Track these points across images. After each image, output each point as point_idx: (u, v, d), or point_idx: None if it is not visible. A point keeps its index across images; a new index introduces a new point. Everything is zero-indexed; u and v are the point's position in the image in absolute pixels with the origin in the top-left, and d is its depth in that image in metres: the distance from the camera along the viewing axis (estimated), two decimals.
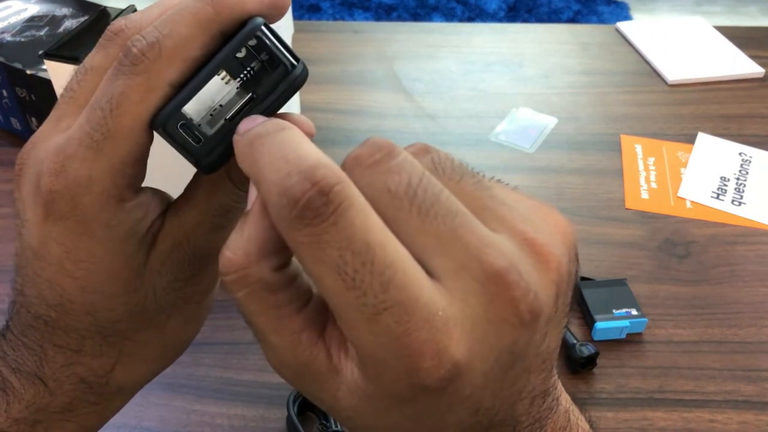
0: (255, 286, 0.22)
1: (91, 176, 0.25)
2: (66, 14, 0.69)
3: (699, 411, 0.47)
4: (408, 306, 0.19)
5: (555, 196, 0.65)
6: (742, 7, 2.45)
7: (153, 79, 0.25)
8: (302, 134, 0.22)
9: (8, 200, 0.63)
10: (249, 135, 0.23)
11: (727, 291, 0.56)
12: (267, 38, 0.25)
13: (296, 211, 0.19)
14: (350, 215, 0.19)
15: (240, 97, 0.26)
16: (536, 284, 0.20)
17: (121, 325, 0.29)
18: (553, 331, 0.22)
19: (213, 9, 0.25)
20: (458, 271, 0.20)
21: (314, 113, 0.75)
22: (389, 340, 0.19)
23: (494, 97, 0.79)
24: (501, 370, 0.21)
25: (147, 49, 0.24)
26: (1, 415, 0.29)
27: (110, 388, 0.30)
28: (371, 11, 2.36)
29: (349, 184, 0.20)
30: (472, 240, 0.20)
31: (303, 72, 0.26)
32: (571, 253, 0.23)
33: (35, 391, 0.29)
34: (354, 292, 0.19)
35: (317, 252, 0.20)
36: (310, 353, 0.22)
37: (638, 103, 0.78)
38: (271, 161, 0.21)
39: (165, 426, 0.45)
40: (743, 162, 0.70)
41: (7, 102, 0.67)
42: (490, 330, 0.20)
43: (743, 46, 0.87)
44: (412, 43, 0.88)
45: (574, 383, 0.48)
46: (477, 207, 0.21)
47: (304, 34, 0.85)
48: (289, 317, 0.22)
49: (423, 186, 0.20)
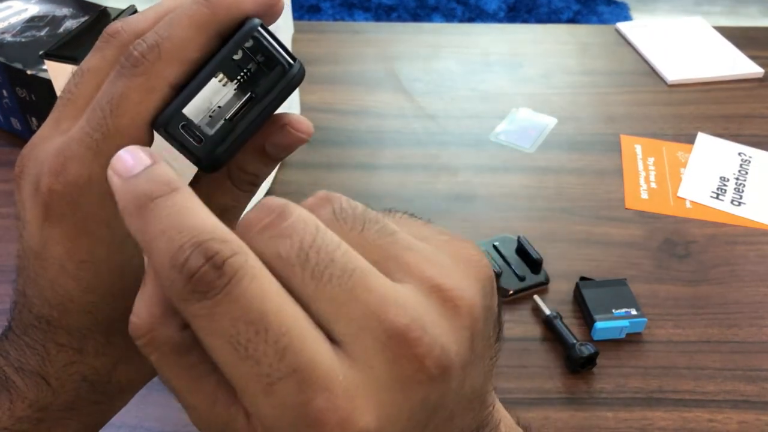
0: (164, 348, 0.22)
1: (90, 176, 0.25)
2: (66, 14, 0.69)
3: (698, 411, 0.47)
4: (306, 374, 0.19)
5: (555, 196, 0.65)
6: (742, 7, 2.45)
7: (153, 80, 0.25)
8: (194, 195, 0.21)
9: (8, 200, 0.63)
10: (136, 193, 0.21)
11: (726, 291, 0.56)
12: (264, 38, 0.26)
13: (190, 286, 0.19)
14: (243, 285, 0.19)
15: (239, 97, 0.26)
16: (444, 335, 0.20)
17: (120, 325, 0.28)
18: (474, 371, 0.21)
19: (210, 11, 0.25)
20: (358, 334, 0.19)
21: (314, 113, 0.75)
22: (289, 411, 0.19)
23: (494, 98, 0.79)
24: (418, 427, 0.20)
25: (147, 51, 0.25)
26: (5, 413, 0.29)
27: (112, 387, 0.31)
28: (371, 12, 2.36)
29: (245, 252, 0.19)
30: (371, 298, 0.19)
31: (300, 70, 0.26)
32: (486, 289, 0.22)
33: (38, 390, 0.29)
34: (248, 362, 0.19)
35: (210, 324, 0.19)
36: (228, 413, 0.21)
37: (638, 104, 0.78)
38: (163, 230, 0.20)
39: (165, 426, 0.45)
40: (743, 162, 0.70)
41: (8, 102, 0.67)
42: (397, 391, 0.19)
43: (743, 47, 0.87)
44: (413, 44, 0.88)
45: (573, 383, 0.48)
46: (381, 257, 0.21)
47: (304, 35, 0.85)
48: (203, 378, 0.22)
49: (315, 247, 0.20)
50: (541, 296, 0.54)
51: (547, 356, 0.50)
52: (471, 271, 0.21)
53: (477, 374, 0.22)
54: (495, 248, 0.58)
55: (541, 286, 0.55)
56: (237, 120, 0.26)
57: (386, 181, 0.66)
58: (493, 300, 0.22)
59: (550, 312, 0.52)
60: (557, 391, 0.48)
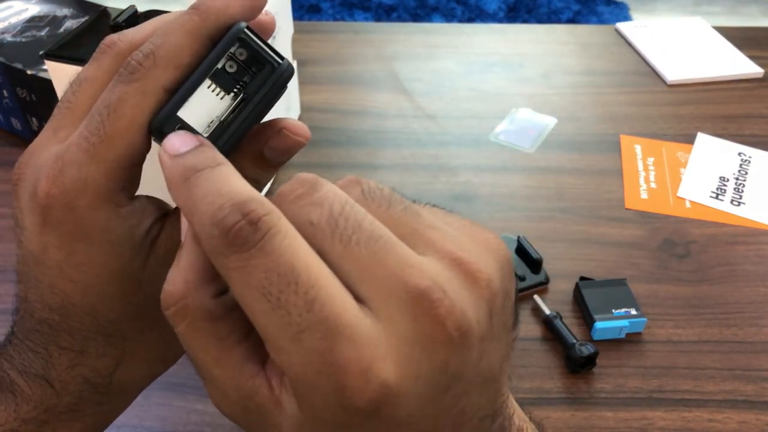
0: (196, 314, 0.23)
1: (86, 180, 0.26)
2: (67, 14, 0.69)
3: (698, 411, 0.47)
4: (332, 324, 0.20)
5: (555, 196, 0.65)
6: (742, 7, 2.45)
7: (148, 85, 0.26)
8: (236, 171, 0.23)
9: (8, 200, 0.63)
10: (184, 167, 0.23)
11: (726, 291, 0.56)
12: (250, 40, 0.27)
13: (227, 239, 0.21)
14: (276, 241, 0.20)
15: (231, 98, 0.27)
16: (464, 301, 0.21)
17: (121, 326, 0.29)
18: (491, 349, 0.22)
19: (200, 18, 0.27)
20: (382, 294, 0.20)
21: (314, 113, 0.75)
22: (314, 358, 0.20)
23: (494, 98, 0.79)
24: (437, 391, 0.21)
25: (143, 59, 0.26)
26: (11, 415, 0.29)
27: (114, 388, 0.31)
28: (371, 12, 2.36)
29: (278, 214, 0.21)
30: (394, 262, 0.21)
31: (288, 68, 0.27)
32: (504, 271, 0.23)
33: (42, 392, 0.30)
34: (278, 312, 0.20)
35: (244, 276, 0.20)
36: (252, 385, 0.22)
37: (638, 104, 0.78)
38: (204, 195, 0.22)
39: (166, 426, 0.45)
40: (742, 162, 0.70)
41: (8, 102, 0.67)
42: (418, 349, 0.20)
43: (742, 47, 0.87)
44: (413, 44, 0.88)
45: (573, 383, 0.49)
46: (405, 232, 0.22)
47: (304, 35, 0.85)
48: (231, 348, 0.23)
49: (345, 215, 0.21)
50: (541, 296, 0.54)
51: (547, 356, 0.50)
52: (490, 252, 0.22)
53: (494, 354, 0.22)
54: None
55: (541, 286, 0.55)
56: (230, 120, 0.27)
57: (386, 181, 0.66)
58: (510, 284, 0.23)
59: (550, 312, 0.52)
60: (557, 391, 0.48)
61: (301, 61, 0.71)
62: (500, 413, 0.24)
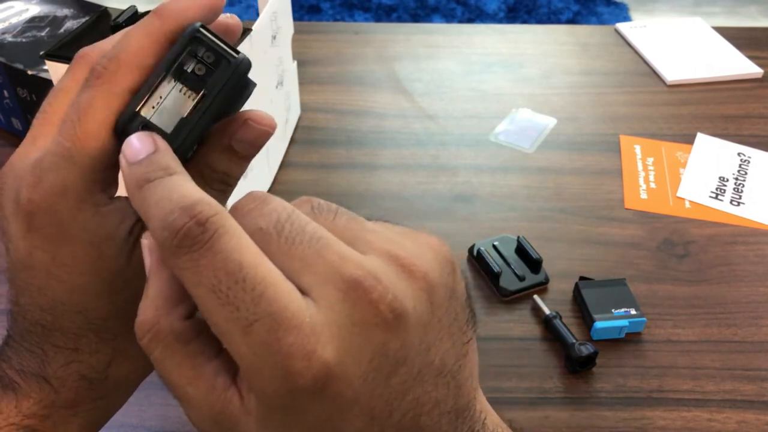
0: (168, 338, 0.24)
1: (64, 183, 0.27)
2: (67, 15, 0.69)
3: (698, 410, 0.47)
4: (278, 316, 0.21)
5: (554, 196, 0.65)
6: (741, 7, 2.46)
7: (113, 87, 0.27)
8: (188, 177, 0.25)
9: None
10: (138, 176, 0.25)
11: (725, 291, 0.56)
12: (205, 38, 0.28)
13: (176, 241, 0.22)
14: (224, 240, 0.22)
15: (192, 95, 0.28)
16: (397, 288, 0.22)
17: (110, 323, 0.31)
18: (439, 342, 0.24)
19: (159, 21, 0.28)
20: (323, 284, 0.22)
21: (314, 113, 0.75)
22: (263, 348, 0.21)
23: (494, 98, 0.79)
24: (381, 374, 0.22)
25: (107, 63, 0.28)
26: (12, 410, 0.30)
27: (109, 384, 0.32)
28: (371, 12, 2.36)
29: (225, 215, 0.23)
30: (334, 257, 0.23)
31: (244, 62, 0.29)
32: (444, 268, 0.24)
33: (41, 389, 0.31)
34: (228, 308, 0.21)
35: (196, 275, 0.22)
36: (225, 398, 0.23)
37: (637, 104, 0.78)
38: (157, 201, 0.23)
39: (166, 425, 0.45)
40: (742, 162, 0.70)
41: (9, 102, 0.67)
42: (356, 332, 0.22)
43: (742, 47, 0.87)
44: (412, 44, 0.88)
45: (573, 382, 0.49)
46: (348, 237, 0.24)
47: (304, 35, 0.85)
48: (202, 365, 0.24)
49: (290, 221, 0.23)
50: (540, 296, 0.54)
51: (547, 356, 0.50)
52: (430, 251, 0.24)
53: (445, 347, 0.24)
54: (495, 248, 0.58)
55: (541, 286, 0.56)
56: (192, 116, 0.28)
57: (386, 181, 0.66)
58: (455, 282, 0.24)
59: (550, 312, 0.52)
60: (557, 391, 0.48)
61: (301, 61, 0.71)
62: (467, 413, 0.25)
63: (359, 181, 0.66)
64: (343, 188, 0.65)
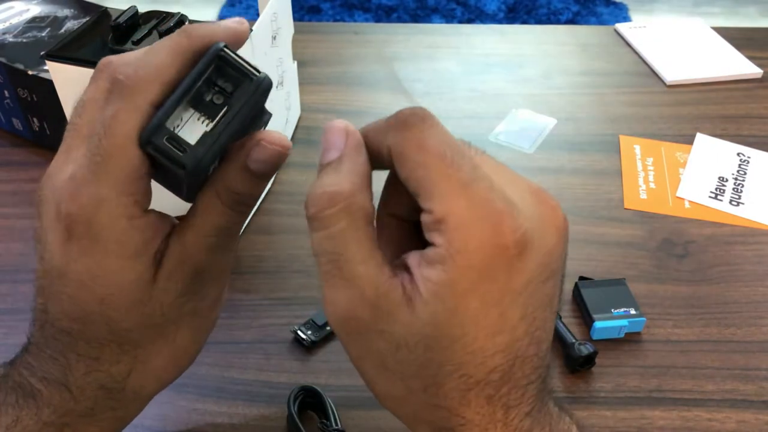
0: (359, 213, 0.26)
1: (100, 196, 0.28)
2: (68, 15, 0.69)
3: (697, 410, 0.47)
4: (491, 181, 0.25)
5: (554, 196, 0.65)
6: (741, 8, 2.46)
7: (137, 101, 0.28)
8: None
9: (9, 200, 0.63)
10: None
11: (725, 290, 0.56)
12: (229, 57, 0.29)
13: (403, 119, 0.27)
14: (441, 126, 0.27)
15: (216, 110, 0.29)
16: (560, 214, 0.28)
17: (133, 335, 0.31)
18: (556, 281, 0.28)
19: (188, 41, 0.30)
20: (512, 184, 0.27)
21: (314, 114, 0.75)
22: (480, 203, 0.25)
23: (494, 98, 0.79)
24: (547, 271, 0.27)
25: (130, 75, 0.29)
26: (32, 418, 0.31)
27: (127, 394, 0.33)
28: (371, 12, 2.36)
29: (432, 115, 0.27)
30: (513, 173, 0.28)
31: (266, 80, 0.30)
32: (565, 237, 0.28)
33: (61, 397, 0.31)
34: (453, 168, 0.25)
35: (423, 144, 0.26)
36: (391, 284, 0.26)
37: (637, 104, 0.78)
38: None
39: (167, 425, 0.45)
40: (741, 162, 0.70)
41: (9, 102, 0.67)
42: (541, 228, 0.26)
43: (741, 47, 0.87)
44: (412, 44, 0.89)
45: (573, 382, 0.49)
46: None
47: (304, 36, 0.85)
48: (378, 249, 0.27)
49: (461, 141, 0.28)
50: None
51: None
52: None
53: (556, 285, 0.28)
54: None
55: None
56: (215, 130, 0.29)
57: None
58: (565, 251, 0.29)
59: None
60: (556, 391, 0.48)
61: (301, 61, 0.71)
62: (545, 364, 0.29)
63: None
64: None
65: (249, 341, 0.51)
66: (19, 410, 0.31)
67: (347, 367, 0.49)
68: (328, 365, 0.49)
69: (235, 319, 0.52)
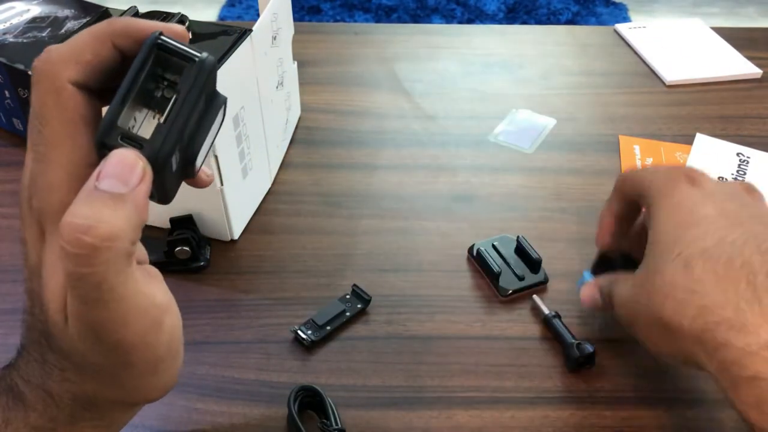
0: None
1: (51, 183, 0.29)
2: (68, 15, 0.69)
3: (698, 409, 0.47)
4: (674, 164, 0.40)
5: (553, 196, 0.65)
6: (740, 8, 2.46)
7: (55, 83, 0.29)
8: None
9: (8, 200, 0.63)
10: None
11: None
12: (168, 44, 0.29)
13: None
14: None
15: (165, 100, 0.29)
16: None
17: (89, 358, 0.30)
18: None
19: (107, 25, 0.30)
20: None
21: (315, 114, 0.75)
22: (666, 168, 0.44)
23: (494, 98, 0.79)
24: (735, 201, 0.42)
25: (45, 60, 0.29)
26: (21, 421, 0.31)
27: (104, 407, 0.32)
28: (371, 13, 2.37)
29: None
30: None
31: (209, 60, 0.29)
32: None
33: (45, 402, 0.31)
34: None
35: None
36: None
37: (636, 104, 0.78)
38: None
39: (167, 424, 0.45)
40: (741, 162, 0.70)
41: (9, 102, 0.67)
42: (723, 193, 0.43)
43: (741, 47, 0.87)
44: (412, 45, 0.89)
45: (573, 382, 0.49)
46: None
47: (304, 36, 0.85)
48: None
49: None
50: (540, 296, 0.54)
51: (546, 355, 0.51)
52: None
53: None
54: (494, 248, 0.58)
55: (540, 285, 0.56)
56: (169, 120, 0.28)
57: (386, 181, 0.66)
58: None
59: (549, 311, 0.52)
60: (556, 390, 0.48)
61: (301, 61, 0.71)
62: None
63: (359, 181, 0.66)
64: (343, 188, 0.66)
65: (249, 341, 0.51)
66: (8, 412, 0.31)
67: (347, 367, 0.50)
68: (328, 365, 0.49)
69: (235, 319, 0.53)
